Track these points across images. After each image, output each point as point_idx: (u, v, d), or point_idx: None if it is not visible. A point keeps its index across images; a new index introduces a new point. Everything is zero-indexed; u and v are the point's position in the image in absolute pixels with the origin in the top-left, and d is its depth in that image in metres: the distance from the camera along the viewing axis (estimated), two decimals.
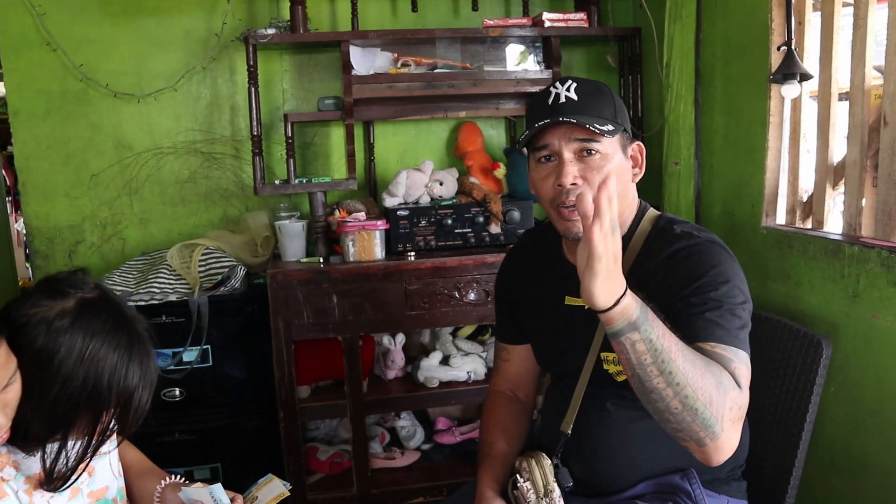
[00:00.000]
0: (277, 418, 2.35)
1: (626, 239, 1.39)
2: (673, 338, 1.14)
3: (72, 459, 1.14)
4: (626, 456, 1.35)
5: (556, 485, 1.35)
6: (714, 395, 1.13)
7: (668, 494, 1.36)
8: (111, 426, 1.17)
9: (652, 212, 1.44)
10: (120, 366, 1.12)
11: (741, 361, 1.21)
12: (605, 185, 1.06)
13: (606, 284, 1.09)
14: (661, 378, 1.12)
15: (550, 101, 1.35)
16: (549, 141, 1.34)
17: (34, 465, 1.15)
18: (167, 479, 1.36)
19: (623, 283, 1.11)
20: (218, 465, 2.45)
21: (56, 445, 1.13)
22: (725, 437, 1.16)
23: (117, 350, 1.12)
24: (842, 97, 1.86)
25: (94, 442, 1.15)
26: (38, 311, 1.10)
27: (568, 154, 1.32)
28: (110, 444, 1.27)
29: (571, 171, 1.31)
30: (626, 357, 1.13)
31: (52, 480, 1.13)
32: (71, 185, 2.70)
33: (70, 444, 1.13)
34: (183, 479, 1.37)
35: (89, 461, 1.16)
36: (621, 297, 1.10)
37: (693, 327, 1.22)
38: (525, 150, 1.42)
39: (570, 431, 1.39)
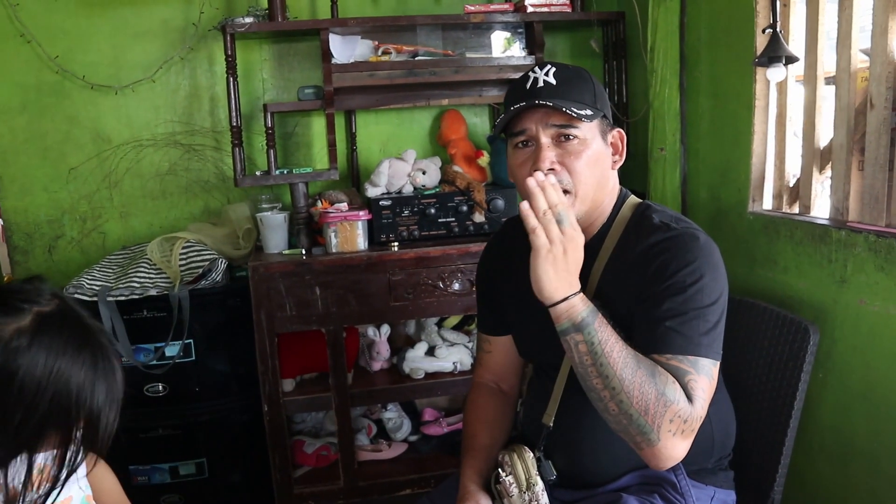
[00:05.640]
0: (262, 412, 2.33)
1: (606, 227, 1.37)
2: (618, 346, 1.18)
3: (39, 494, 1.08)
4: (609, 448, 1.33)
5: (538, 478, 1.34)
6: (651, 404, 1.15)
7: (654, 486, 1.34)
8: (79, 454, 1.10)
9: (632, 199, 1.41)
10: (86, 384, 1.05)
11: (700, 372, 1.19)
12: (534, 175, 1.20)
13: (554, 277, 1.17)
14: (599, 380, 1.17)
15: (528, 86, 1.32)
16: (526, 126, 1.31)
17: None
18: None
19: (575, 285, 1.19)
20: (203, 460, 2.42)
21: (21, 470, 1.06)
22: (662, 446, 1.17)
23: (82, 368, 1.05)
24: (828, 81, 1.84)
25: (62, 473, 1.08)
26: None
27: (545, 139, 1.29)
28: (81, 471, 1.20)
29: (549, 157, 1.28)
30: (570, 354, 1.20)
31: None
32: (49, 178, 2.66)
33: (35, 471, 1.06)
34: None
35: (58, 494, 1.10)
36: (570, 296, 1.18)
37: (651, 337, 1.22)
38: (504, 135, 1.39)
39: (551, 424, 1.37)
